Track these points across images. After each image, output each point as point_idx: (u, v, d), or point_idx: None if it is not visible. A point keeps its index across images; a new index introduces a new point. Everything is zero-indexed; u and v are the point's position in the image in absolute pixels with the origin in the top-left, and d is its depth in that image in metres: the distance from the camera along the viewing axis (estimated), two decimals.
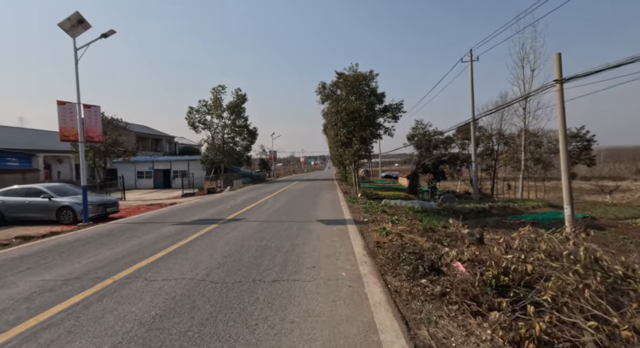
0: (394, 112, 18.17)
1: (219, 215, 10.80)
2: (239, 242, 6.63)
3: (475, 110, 22.88)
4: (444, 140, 31.34)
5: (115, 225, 9.55)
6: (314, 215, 10.20)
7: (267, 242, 6.60)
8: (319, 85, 20.18)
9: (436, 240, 7.86)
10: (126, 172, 34.61)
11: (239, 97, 34.02)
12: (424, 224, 9.17)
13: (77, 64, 9.47)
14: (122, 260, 5.53)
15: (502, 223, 16.86)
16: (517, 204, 20.55)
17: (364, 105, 16.82)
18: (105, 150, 20.85)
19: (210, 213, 11.39)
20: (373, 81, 17.96)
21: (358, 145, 17.39)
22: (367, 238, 7.04)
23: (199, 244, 6.56)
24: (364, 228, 8.11)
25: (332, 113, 18.53)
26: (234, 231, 7.81)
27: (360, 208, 11.61)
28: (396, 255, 5.46)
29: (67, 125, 9.17)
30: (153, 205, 17.32)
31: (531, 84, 22.40)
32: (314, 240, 6.77)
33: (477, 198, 22.73)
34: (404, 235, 7.36)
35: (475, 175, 22.70)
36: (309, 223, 8.85)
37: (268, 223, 8.94)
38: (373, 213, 10.53)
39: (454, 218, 16.80)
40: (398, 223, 8.88)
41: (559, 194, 34.96)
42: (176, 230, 8.24)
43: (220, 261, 5.34)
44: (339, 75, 18.18)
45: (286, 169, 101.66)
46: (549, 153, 25.76)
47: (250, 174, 39.67)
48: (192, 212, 11.86)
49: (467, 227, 13.58)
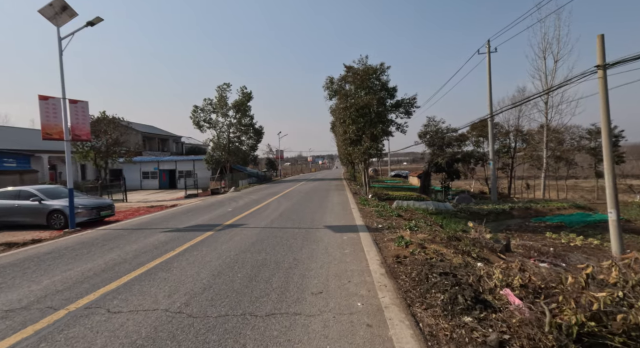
0: (407, 107, 16.99)
1: (217, 219, 9.87)
2: (232, 256, 5.65)
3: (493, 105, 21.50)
4: (457, 137, 29.93)
5: (102, 232, 8.71)
6: (321, 221, 9.17)
7: (266, 256, 5.60)
8: (326, 80, 19.18)
9: (464, 252, 6.75)
10: (131, 172, 34.24)
11: (245, 95, 33.23)
12: (446, 231, 8.04)
13: (61, 55, 8.65)
14: (90, 280, 4.60)
15: (526, 227, 15.53)
16: (539, 205, 19.13)
17: (374, 100, 15.71)
18: (106, 150, 20.25)
19: (208, 217, 10.48)
20: (384, 74, 16.83)
21: (368, 143, 16.30)
22: (384, 251, 5.97)
23: (187, 258, 5.60)
24: (378, 237, 7.04)
25: (341, 109, 17.48)
26: (230, 241, 6.84)
27: (372, 212, 10.53)
28: (423, 276, 4.38)
29: (50, 122, 8.35)
30: (153, 208, 16.62)
31: (554, 76, 20.90)
32: (321, 253, 5.74)
33: (495, 199, 21.35)
34: (426, 246, 6.28)
35: (494, 174, 21.32)
36: (315, 230, 7.82)
37: (270, 230, 7.96)
38: (387, 218, 9.44)
39: (473, 222, 15.54)
40: (417, 231, 7.78)
41: (581, 194, 33.12)
42: (166, 238, 7.33)
43: (206, 283, 4.36)
44: (347, 68, 17.10)
45: (294, 168, 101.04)
46: (571, 150, 24.12)
47: (257, 173, 38.90)
48: (190, 216, 10.98)
49: (489, 231, 12.36)
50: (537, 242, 12.16)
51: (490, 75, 20.69)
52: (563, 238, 12.58)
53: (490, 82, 20.76)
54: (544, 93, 19.59)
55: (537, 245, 11.21)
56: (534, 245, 11.25)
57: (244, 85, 33.28)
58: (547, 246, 11.26)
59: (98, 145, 19.74)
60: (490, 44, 20.56)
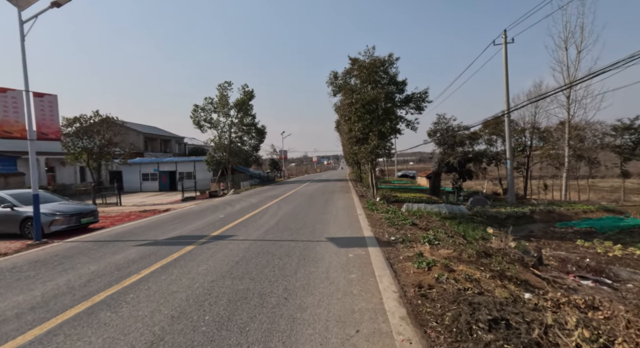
0: (418, 102, 15.61)
1: (205, 229, 8.67)
2: (207, 284, 4.41)
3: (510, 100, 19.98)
4: (469, 135, 28.39)
5: (70, 245, 7.56)
6: (323, 231, 7.90)
7: (249, 285, 4.35)
8: (330, 75, 17.92)
9: (501, 274, 5.42)
10: (131, 174, 33.41)
11: (246, 94, 32.13)
12: (473, 245, 6.68)
13: (23, 41, 7.53)
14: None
15: (552, 233, 14.04)
16: (562, 208, 17.56)
17: (382, 94, 14.38)
18: (100, 151, 19.28)
19: (196, 226, 9.28)
20: (393, 67, 15.48)
21: (376, 141, 14.96)
22: (401, 275, 4.68)
23: (149, 287, 4.39)
24: (392, 255, 5.75)
25: (346, 105, 16.17)
26: (210, 259, 5.61)
27: (382, 220, 9.22)
28: (463, 325, 3.07)
29: (9, 117, 7.23)
30: (146, 212, 15.60)
31: (577, 68, 19.31)
32: (320, 280, 4.47)
33: (513, 201, 19.82)
34: (453, 268, 4.96)
35: (511, 174, 19.79)
36: (315, 244, 6.56)
37: (262, 244, 6.71)
38: (400, 227, 8.12)
39: (492, 227, 14.09)
40: (438, 245, 6.46)
41: (601, 194, 31.19)
42: (137, 255, 6.13)
43: (157, 333, 3.13)
44: (352, 61, 15.79)
45: (299, 169, 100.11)
46: (594, 148, 22.42)
47: (259, 174, 37.80)
48: (177, 224, 9.81)
49: (514, 239, 10.92)
50: (569, 252, 10.71)
51: (507, 68, 19.19)
52: (598, 247, 11.09)
53: (507, 75, 19.26)
54: (567, 87, 18.01)
55: (572, 256, 9.76)
56: (568, 256, 9.80)
57: (245, 84, 32.22)
58: (581, 256, 9.81)
59: (90, 146, 18.77)
60: (506, 34, 19.07)
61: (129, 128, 43.68)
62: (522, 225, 16.26)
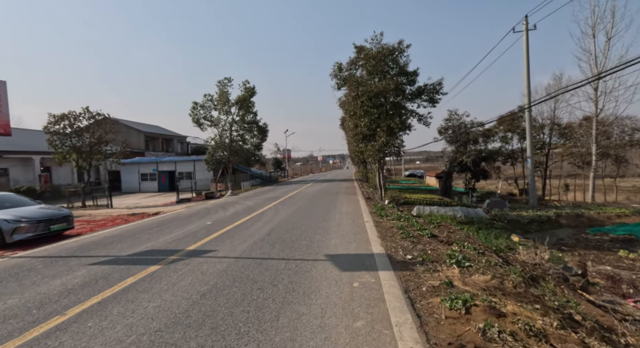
0: (431, 94, 14.06)
1: (183, 240, 7.32)
2: (144, 341, 3.02)
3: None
4: (483, 132, 26.64)
5: (14, 261, 6.27)
6: (322, 245, 6.48)
7: (205, 342, 2.95)
8: (333, 67, 16.36)
9: (570, 316, 3.93)
10: (129, 174, 32.45)
11: (247, 90, 30.84)
12: (515, 269, 5.16)
13: None
14: None
15: (585, 241, 12.39)
16: (592, 211, 15.84)
17: (391, 85, 12.89)
18: (89, 150, 18.13)
19: (175, 236, 7.93)
20: (403, 55, 13.95)
21: (384, 138, 13.47)
22: (429, 324, 3.23)
23: (60, 342, 3.02)
24: (411, 283, 4.30)
25: (351, 99, 14.72)
26: (169, 291, 4.23)
27: (393, 229, 7.76)
28: None
29: None
30: (134, 216, 14.44)
31: (606, 56, 17.50)
32: (310, 333, 3.05)
33: (535, 203, 18.12)
34: (500, 309, 3.50)
35: (532, 174, 18.09)
36: (311, 266, 5.14)
37: (243, 265, 5.32)
38: (417, 240, 6.64)
39: (516, 234, 12.46)
40: (469, 267, 4.99)
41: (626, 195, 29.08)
42: (81, 280, 4.79)
43: None
44: (358, 49, 14.30)
45: (303, 168, 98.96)
46: (622, 145, 20.54)
47: (261, 174, 36.52)
48: (155, 232, 8.50)
49: (547, 249, 9.33)
50: (614, 266, 9.10)
51: (528, 58, 17.48)
52: None
53: (528, 65, 17.56)
54: (596, 78, 16.23)
55: (623, 273, 8.15)
56: (617, 272, 8.21)
57: (246, 80, 30.91)
58: (635, 274, 8.21)
59: (79, 144, 17.63)
60: (527, 20, 17.37)
61: (129, 127, 42.89)
62: (548, 231, 14.61)
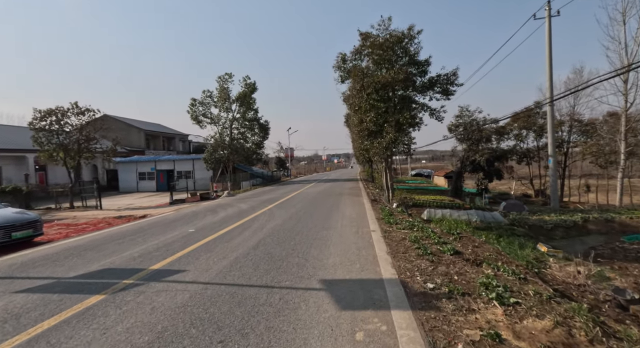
0: (445, 85, 12.64)
1: (149, 256, 6.08)
2: None
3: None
4: (496, 130, 25.08)
5: None
6: (318, 265, 5.18)
7: None
8: (337, 58, 15.01)
9: None
10: (127, 173, 31.50)
11: (248, 86, 29.65)
12: (582, 310, 3.79)
13: None
14: None
15: (622, 251, 10.88)
16: (623, 216, 14.27)
17: (401, 75, 11.51)
18: (77, 148, 17.08)
19: (144, 248, 6.70)
20: (413, 43, 12.55)
21: (392, 134, 12.10)
22: None
23: None
24: (439, 336, 2.98)
25: (355, 91, 13.37)
26: (95, 343, 2.97)
27: (406, 242, 6.42)
28: None
29: None
30: (120, 219, 13.42)
31: (639, 44, 15.81)
32: None
33: (557, 206, 16.58)
34: None
35: (554, 175, 16.54)
36: (300, 298, 3.84)
37: (211, 296, 4.05)
38: (437, 258, 5.29)
39: (542, 242, 10.98)
40: (516, 305, 3.65)
41: None
42: None
43: None
44: (363, 36, 12.93)
45: (308, 167, 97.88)
46: None
47: (262, 174, 35.33)
48: (127, 242, 7.30)
49: (589, 265, 7.95)
50: None
51: (550, 47, 15.92)
52: None
53: (550, 55, 16.00)
54: (625, 70, 14.63)
55: None
56: None
57: (247, 75, 29.75)
58: None
59: (66, 142, 16.59)
60: (550, 5, 15.82)
61: (129, 125, 42.07)
62: (575, 238, 13.10)
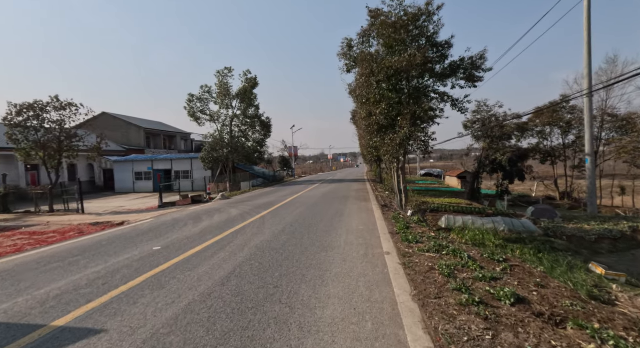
0: (470, 71, 10.68)
1: (70, 295, 4.36)
2: None
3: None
4: (517, 126, 22.91)
5: None
6: (308, 320, 3.38)
7: None
8: (342, 44, 13.10)
9: None
10: (123, 173, 30.18)
11: (249, 81, 28.01)
12: None
13: None
14: None
15: None
16: None
17: (418, 59, 9.62)
18: (58, 146, 15.61)
19: (76, 279, 4.99)
20: (432, 20, 10.63)
21: (407, 128, 10.21)
22: None
23: None
24: None
25: (363, 80, 11.48)
26: None
27: (436, 275, 4.58)
28: None
29: None
30: (96, 226, 11.99)
31: None
32: None
33: (595, 212, 14.48)
34: None
35: (592, 176, 14.44)
36: None
37: None
38: (490, 310, 3.44)
39: (595, 262, 9.08)
40: None
41: None
42: None
43: None
44: (372, 14, 11.05)
45: (313, 167, 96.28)
46: None
47: (263, 174, 33.66)
48: (64, 267, 5.63)
49: None
50: None
51: (589, 28, 13.81)
52: None
53: (589, 38, 13.89)
54: None
55: None
56: None
57: (247, 70, 28.07)
58: None
59: (44, 139, 15.12)
60: None
61: (128, 123, 40.86)
62: (625, 253, 11.02)
